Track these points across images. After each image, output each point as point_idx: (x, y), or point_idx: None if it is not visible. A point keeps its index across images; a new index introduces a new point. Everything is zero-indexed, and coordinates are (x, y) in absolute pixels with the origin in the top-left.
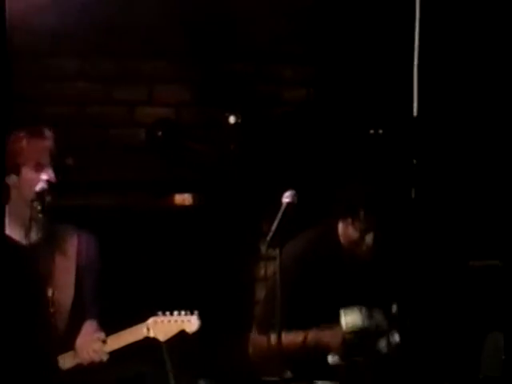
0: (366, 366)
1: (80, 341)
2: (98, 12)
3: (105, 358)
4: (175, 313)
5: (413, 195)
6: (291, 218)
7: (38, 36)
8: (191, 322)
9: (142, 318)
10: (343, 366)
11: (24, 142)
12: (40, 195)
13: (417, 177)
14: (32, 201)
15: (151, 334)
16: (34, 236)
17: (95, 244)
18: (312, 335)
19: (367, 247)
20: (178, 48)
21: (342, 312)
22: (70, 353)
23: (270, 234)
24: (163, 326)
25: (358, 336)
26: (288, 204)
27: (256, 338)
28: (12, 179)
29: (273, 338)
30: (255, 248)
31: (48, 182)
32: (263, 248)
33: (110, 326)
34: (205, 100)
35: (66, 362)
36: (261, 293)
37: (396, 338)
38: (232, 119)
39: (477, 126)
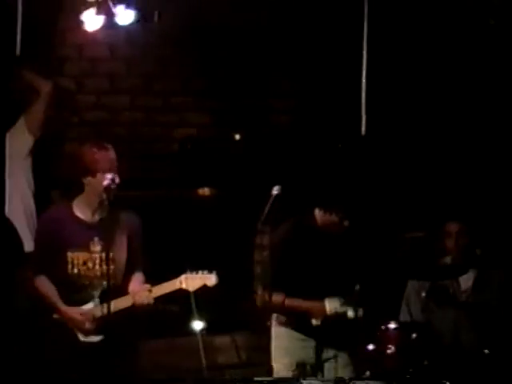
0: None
1: (132, 288)
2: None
3: (151, 301)
4: (200, 271)
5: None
6: (277, 204)
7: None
8: (211, 279)
9: (177, 275)
10: (321, 326)
11: (99, 155)
12: (107, 188)
13: (366, 175)
14: (104, 191)
15: (183, 286)
16: (98, 216)
17: (138, 220)
18: (292, 302)
19: (336, 226)
20: (201, 87)
21: (326, 300)
22: (125, 297)
23: (263, 215)
24: (191, 280)
25: (336, 314)
26: (275, 195)
27: (261, 293)
28: (88, 179)
29: (270, 294)
30: (253, 225)
31: (112, 180)
32: (259, 225)
33: (156, 280)
34: (218, 123)
35: (123, 303)
36: (258, 255)
37: (357, 312)
38: (237, 136)
39: (411, 140)
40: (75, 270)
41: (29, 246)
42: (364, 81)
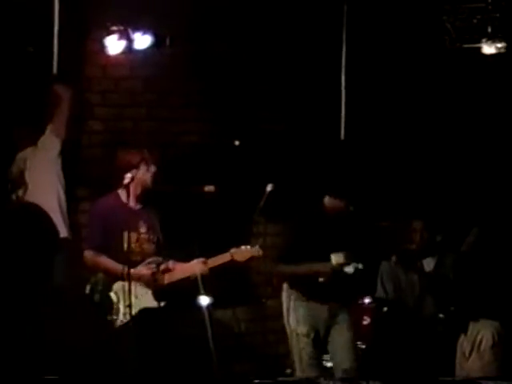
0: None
1: (191, 263)
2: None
3: (206, 270)
4: (243, 246)
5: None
6: (270, 199)
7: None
8: (259, 251)
9: (226, 250)
10: (326, 283)
11: (143, 156)
12: (150, 176)
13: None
14: (147, 179)
15: (235, 258)
16: (139, 205)
17: (157, 212)
18: (308, 266)
19: (342, 210)
20: (203, 102)
21: (332, 255)
22: (184, 268)
23: (258, 208)
24: (241, 252)
25: (341, 266)
26: (269, 191)
27: (280, 265)
28: (133, 172)
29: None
30: (250, 216)
31: (151, 170)
32: (255, 216)
33: (209, 254)
34: (219, 131)
35: (182, 273)
36: (254, 241)
37: (357, 266)
38: (236, 142)
39: (385, 150)
40: (130, 247)
41: (62, 232)
42: (343, 95)
